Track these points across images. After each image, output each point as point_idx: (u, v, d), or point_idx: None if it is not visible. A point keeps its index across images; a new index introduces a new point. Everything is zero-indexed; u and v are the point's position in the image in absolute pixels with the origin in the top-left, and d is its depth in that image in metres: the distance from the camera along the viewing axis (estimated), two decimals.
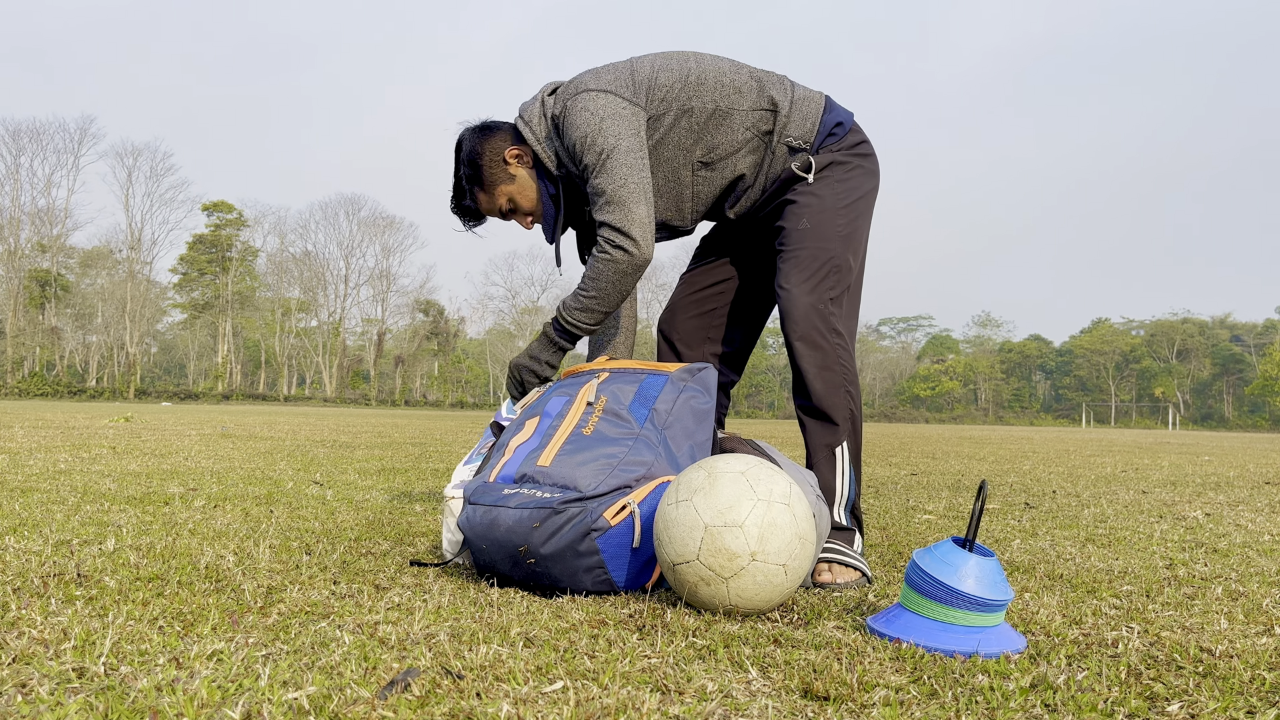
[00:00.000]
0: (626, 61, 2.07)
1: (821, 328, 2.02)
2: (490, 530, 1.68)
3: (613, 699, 1.03)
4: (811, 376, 2.01)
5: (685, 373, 1.90)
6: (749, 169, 2.09)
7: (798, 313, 2.02)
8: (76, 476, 3.57)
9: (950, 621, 1.33)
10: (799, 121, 2.08)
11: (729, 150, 2.06)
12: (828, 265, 2.05)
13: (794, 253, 2.06)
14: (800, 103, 2.09)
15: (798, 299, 2.03)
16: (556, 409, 1.89)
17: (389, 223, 61.80)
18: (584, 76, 2.04)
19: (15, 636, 1.21)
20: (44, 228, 54.44)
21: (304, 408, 37.61)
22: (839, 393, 2.02)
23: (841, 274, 2.06)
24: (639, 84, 2.01)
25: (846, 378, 2.03)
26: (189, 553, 1.89)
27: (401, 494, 3.35)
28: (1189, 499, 3.98)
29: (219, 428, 9.43)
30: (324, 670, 1.11)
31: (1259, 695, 1.14)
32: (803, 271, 2.04)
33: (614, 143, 1.94)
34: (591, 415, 1.82)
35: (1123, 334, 74.69)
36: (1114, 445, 12.29)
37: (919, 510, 3.32)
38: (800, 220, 2.07)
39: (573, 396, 1.90)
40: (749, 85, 2.06)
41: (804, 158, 2.08)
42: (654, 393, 1.85)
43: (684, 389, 1.87)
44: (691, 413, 1.85)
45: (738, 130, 2.05)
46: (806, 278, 2.04)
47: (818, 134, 2.09)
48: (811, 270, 2.04)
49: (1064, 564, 2.12)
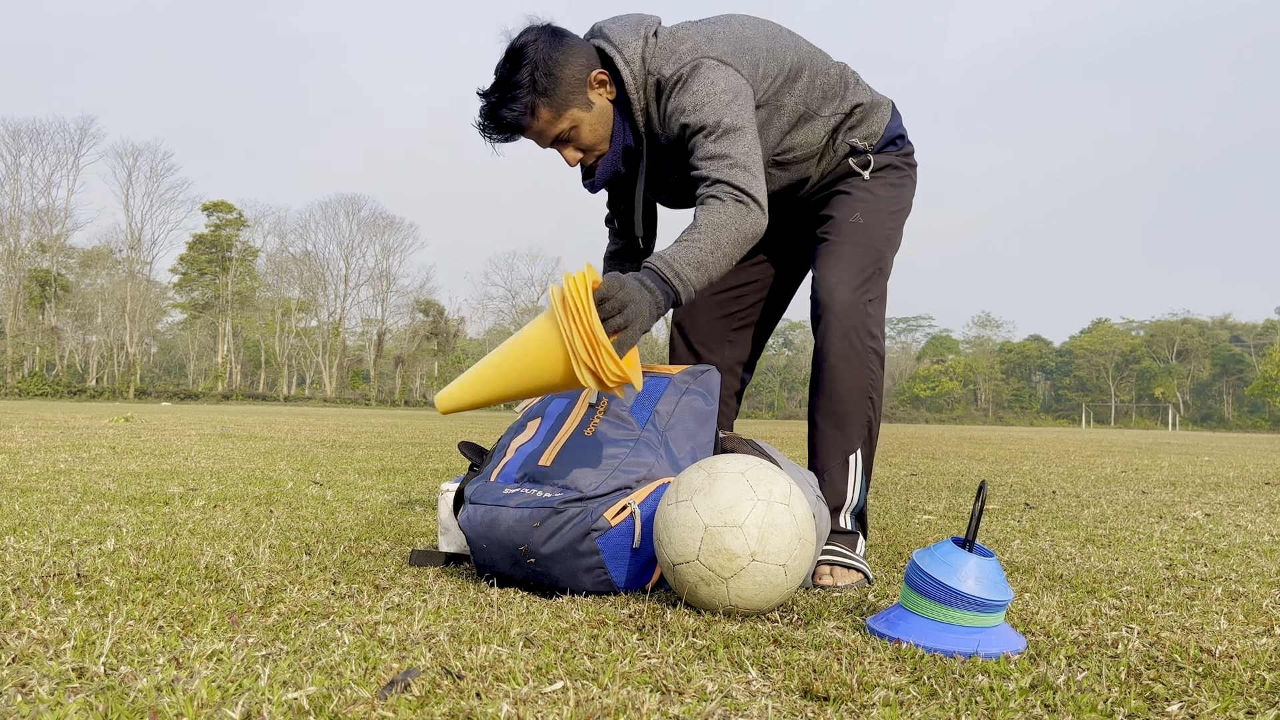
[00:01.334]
0: (735, 27, 1.90)
1: (859, 328, 1.93)
2: (491, 530, 1.68)
3: (613, 699, 1.03)
4: (837, 376, 1.93)
5: (688, 375, 1.90)
6: (815, 167, 2.04)
7: (839, 307, 1.92)
8: (76, 476, 3.57)
9: (950, 622, 1.33)
10: (869, 124, 2.04)
11: (805, 154, 2.00)
12: (873, 265, 1.97)
13: (841, 245, 1.98)
14: (873, 107, 2.05)
15: (840, 294, 1.93)
16: (558, 411, 1.89)
17: (389, 223, 61.86)
18: (696, 39, 1.85)
19: (15, 636, 1.21)
20: (44, 228, 54.46)
21: (304, 408, 37.61)
22: (861, 398, 1.94)
23: (883, 277, 2.00)
24: (753, 65, 1.87)
25: (873, 384, 1.96)
26: (189, 553, 1.89)
27: (401, 494, 3.35)
28: (1189, 499, 3.98)
29: (219, 428, 9.42)
30: (324, 670, 1.11)
31: (1259, 695, 1.14)
32: (849, 267, 1.95)
33: (740, 123, 1.79)
34: (593, 417, 1.82)
35: (1122, 334, 74.70)
36: (1114, 446, 12.29)
37: (919, 511, 3.32)
38: (853, 213, 1.99)
39: (575, 399, 1.90)
40: (836, 88, 2.00)
41: (864, 158, 2.04)
42: (656, 395, 1.85)
43: (686, 391, 1.86)
44: (693, 415, 1.85)
45: (817, 134, 1.99)
46: (853, 274, 1.95)
47: (881, 139, 2.05)
48: (859, 267, 1.96)
49: (1064, 564, 2.12)
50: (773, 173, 2.01)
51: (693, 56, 1.82)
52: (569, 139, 1.86)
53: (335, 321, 61.63)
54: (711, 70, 1.80)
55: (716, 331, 2.23)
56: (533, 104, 1.79)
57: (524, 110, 1.79)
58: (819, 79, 1.97)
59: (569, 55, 1.80)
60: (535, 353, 1.54)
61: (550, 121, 1.82)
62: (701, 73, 1.80)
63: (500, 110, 1.80)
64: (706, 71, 1.80)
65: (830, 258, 1.98)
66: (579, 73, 1.81)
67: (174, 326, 66.72)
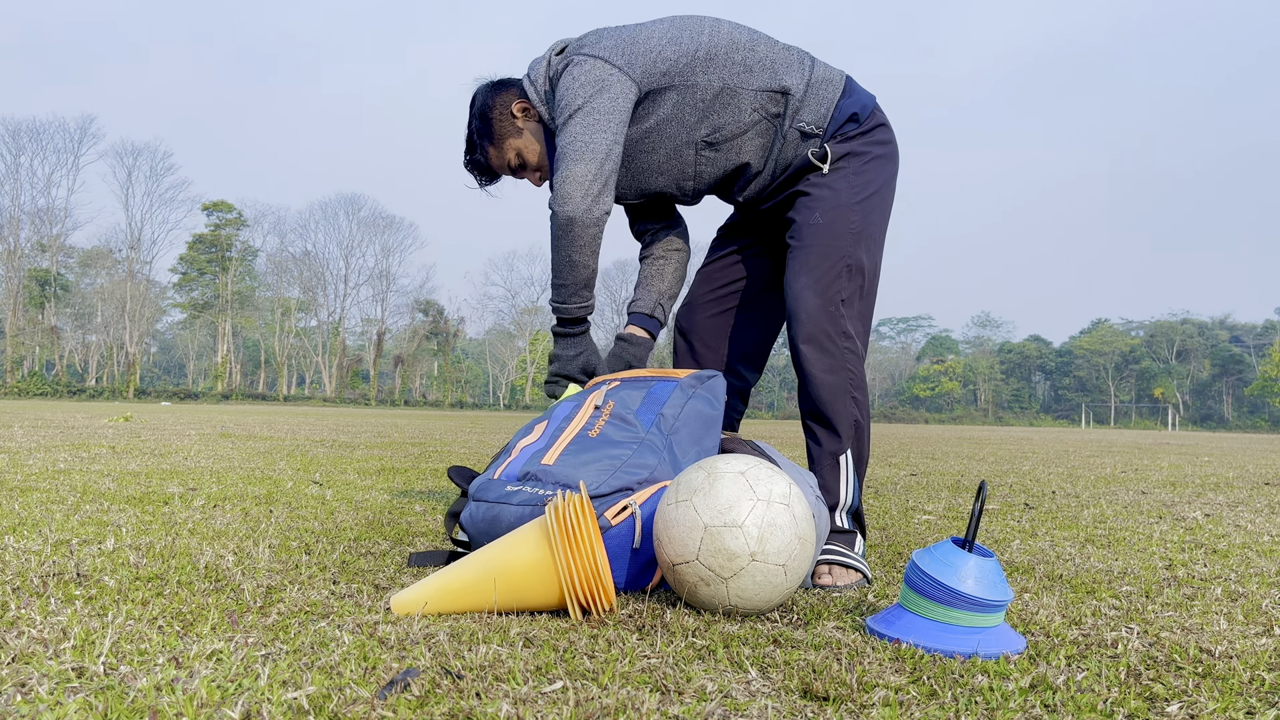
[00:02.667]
0: (637, 27, 2.02)
1: (830, 330, 1.94)
2: (492, 527, 1.69)
3: (612, 699, 1.03)
4: (816, 381, 1.94)
5: (694, 380, 1.90)
6: (756, 152, 2.02)
7: (804, 314, 1.94)
8: (76, 476, 3.57)
9: (950, 622, 1.33)
10: (813, 106, 2.00)
11: (734, 132, 2.00)
12: (839, 265, 1.96)
13: (804, 249, 1.98)
14: (817, 86, 2.01)
15: (805, 299, 1.95)
16: (564, 413, 1.90)
17: (389, 223, 61.86)
18: (588, 38, 2.01)
19: (15, 636, 1.21)
20: (44, 227, 54.45)
21: (303, 408, 37.61)
22: (844, 399, 1.95)
23: (853, 274, 1.98)
24: (638, 54, 1.95)
25: (853, 383, 1.96)
26: (188, 552, 1.89)
27: (401, 494, 3.35)
28: (1188, 500, 3.98)
29: (218, 427, 9.42)
30: (323, 670, 1.11)
31: (1258, 696, 1.14)
32: (812, 271, 1.96)
33: (580, 103, 1.91)
34: (599, 419, 1.83)
35: (1122, 335, 74.69)
36: (1113, 446, 12.29)
37: (918, 511, 3.32)
38: (813, 214, 1.99)
39: (581, 402, 1.91)
40: (762, 64, 1.99)
41: (818, 144, 2.00)
42: (662, 398, 1.85)
43: (692, 395, 1.86)
44: (699, 419, 1.85)
45: (744, 111, 1.98)
46: (817, 278, 1.95)
47: (831, 120, 2.01)
48: (822, 269, 1.96)
49: (1063, 564, 2.12)
50: (706, 154, 2.03)
51: (572, 53, 1.99)
52: (521, 164, 2.15)
53: (335, 321, 61.66)
54: (577, 65, 1.95)
55: (715, 329, 2.23)
56: (482, 146, 2.14)
57: (479, 152, 2.15)
58: (738, 55, 1.98)
59: (498, 97, 2.11)
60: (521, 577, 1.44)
61: (499, 155, 2.14)
62: (570, 66, 1.96)
63: (467, 159, 2.18)
64: (574, 64, 1.96)
65: (794, 263, 1.99)
66: (504, 109, 2.11)
67: (174, 326, 66.75)
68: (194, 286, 61.88)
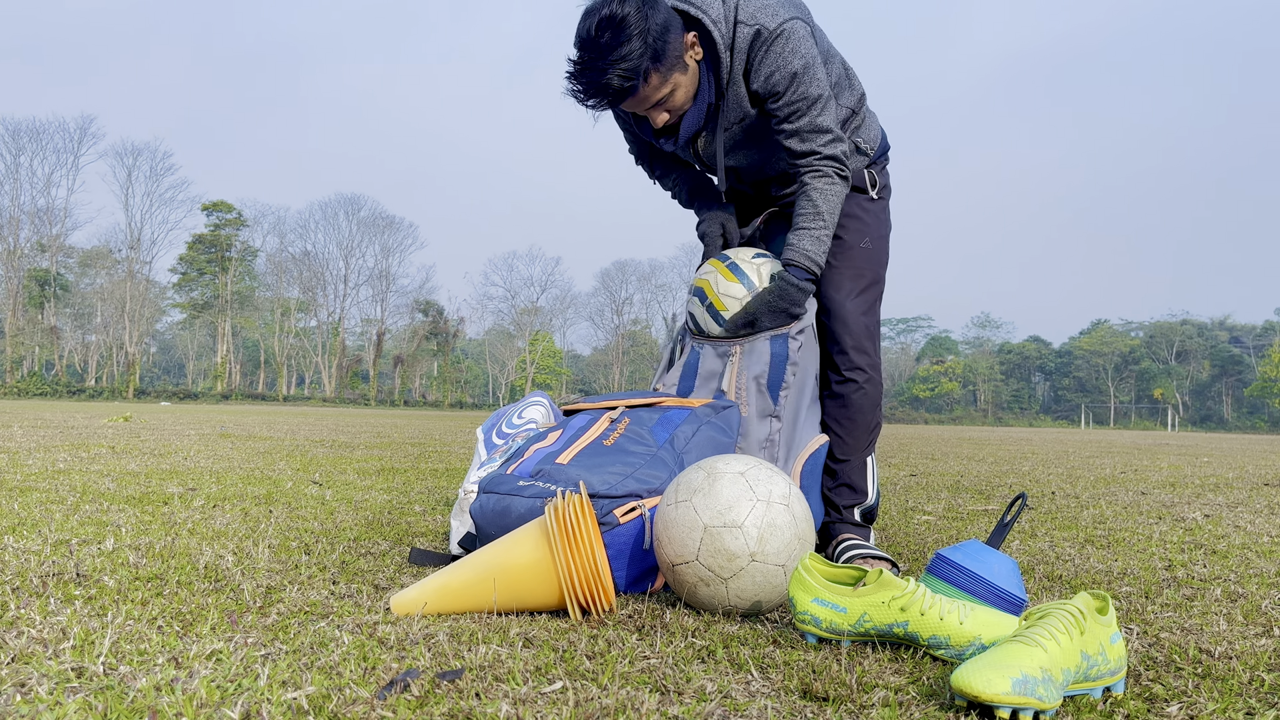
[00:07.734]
0: None
1: (871, 349, 2.10)
2: (502, 518, 1.72)
3: (612, 699, 1.03)
4: (860, 393, 2.08)
5: (709, 409, 1.95)
6: None
7: (852, 321, 2.08)
8: (75, 476, 3.57)
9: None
10: (870, 125, 2.15)
11: None
12: (879, 288, 2.14)
13: (854, 270, 2.11)
14: (869, 114, 2.16)
15: (851, 310, 2.08)
16: (580, 424, 1.95)
17: (388, 223, 61.82)
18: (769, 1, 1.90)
19: (14, 636, 1.21)
20: (43, 227, 54.43)
21: (303, 408, 37.62)
22: (877, 409, 2.11)
23: (881, 300, 2.17)
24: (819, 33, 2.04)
25: (881, 392, 2.14)
26: (188, 552, 1.89)
27: (400, 494, 3.35)
28: (1188, 500, 3.98)
29: (218, 427, 9.42)
30: (323, 670, 1.11)
31: (1258, 696, 1.14)
32: (857, 283, 2.10)
33: (828, 91, 1.95)
34: (614, 431, 1.88)
35: (1122, 335, 74.71)
36: (1113, 446, 12.29)
37: (918, 511, 3.32)
38: (863, 238, 2.12)
39: (596, 416, 1.96)
40: (844, 78, 2.09)
41: (864, 163, 2.14)
42: (676, 421, 1.91)
43: (706, 423, 1.91)
44: (712, 445, 1.89)
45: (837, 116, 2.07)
46: (861, 291, 2.10)
47: (878, 149, 2.16)
48: (865, 285, 2.11)
49: (1063, 565, 2.12)
50: None
51: (777, 18, 1.87)
52: (664, 101, 1.92)
53: (335, 321, 61.64)
54: (800, 37, 1.88)
55: None
56: (646, 71, 1.82)
57: (638, 77, 1.82)
58: (833, 66, 2.06)
59: (669, 23, 1.84)
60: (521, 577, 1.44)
61: (657, 87, 1.87)
62: (795, 33, 1.87)
63: (610, 78, 1.80)
64: (798, 34, 1.88)
65: (838, 275, 2.10)
66: (678, 38, 1.86)
67: (173, 326, 66.73)
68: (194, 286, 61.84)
